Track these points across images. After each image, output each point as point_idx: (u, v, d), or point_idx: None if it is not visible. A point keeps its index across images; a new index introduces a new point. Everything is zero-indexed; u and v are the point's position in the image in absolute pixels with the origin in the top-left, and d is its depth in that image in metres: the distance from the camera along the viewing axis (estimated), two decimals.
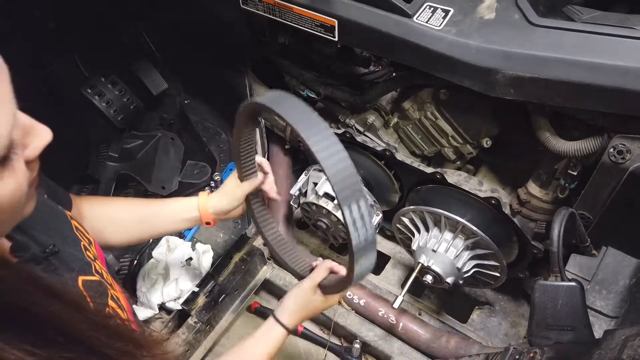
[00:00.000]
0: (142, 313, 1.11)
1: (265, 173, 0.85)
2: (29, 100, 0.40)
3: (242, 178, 0.82)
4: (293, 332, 0.81)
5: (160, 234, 0.88)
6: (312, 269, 0.83)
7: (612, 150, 0.74)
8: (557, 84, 0.72)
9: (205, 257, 1.17)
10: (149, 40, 1.43)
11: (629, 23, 0.69)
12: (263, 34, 1.09)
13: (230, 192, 0.84)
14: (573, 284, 0.74)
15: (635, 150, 0.73)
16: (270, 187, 0.85)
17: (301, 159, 1.35)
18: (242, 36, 1.12)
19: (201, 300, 1.10)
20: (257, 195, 0.87)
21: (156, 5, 1.31)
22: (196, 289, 1.10)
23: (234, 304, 1.16)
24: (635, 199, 0.75)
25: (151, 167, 1.35)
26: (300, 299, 0.79)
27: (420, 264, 1.02)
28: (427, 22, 0.81)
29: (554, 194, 0.90)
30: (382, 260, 1.27)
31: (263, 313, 1.24)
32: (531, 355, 0.72)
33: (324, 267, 0.80)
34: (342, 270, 0.79)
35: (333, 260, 0.84)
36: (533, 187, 0.93)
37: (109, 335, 0.41)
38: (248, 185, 0.82)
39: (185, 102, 1.52)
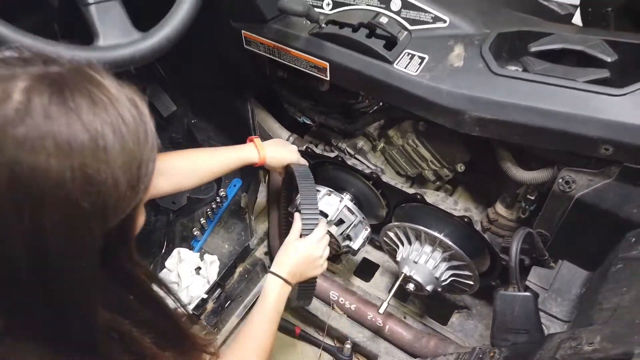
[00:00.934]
0: None
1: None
2: None
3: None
4: (291, 284, 0.93)
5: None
6: None
7: (560, 180, 0.87)
8: (514, 125, 0.85)
9: (212, 267, 1.30)
10: (160, 67, 1.56)
11: (572, 75, 0.82)
12: (264, 69, 1.22)
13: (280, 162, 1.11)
14: (528, 294, 0.87)
15: (579, 181, 0.86)
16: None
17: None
18: (245, 70, 1.25)
19: (209, 306, 1.24)
20: None
21: None
22: (205, 296, 1.23)
23: (239, 309, 1.29)
24: (581, 221, 0.89)
25: None
26: (287, 249, 0.95)
27: (403, 274, 1.15)
28: (405, 68, 0.94)
29: (517, 214, 1.04)
30: (372, 269, 1.41)
31: None
32: (491, 354, 0.85)
33: (299, 217, 0.98)
34: None
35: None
36: (500, 208, 1.06)
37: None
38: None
39: (192, 121, 1.65)
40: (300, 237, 0.97)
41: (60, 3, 0.76)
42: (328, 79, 1.04)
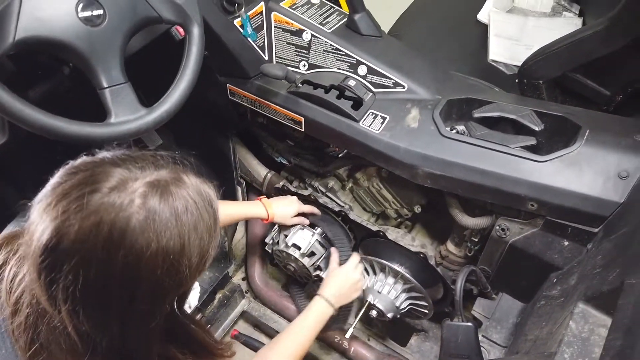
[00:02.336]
0: None
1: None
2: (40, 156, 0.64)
3: None
4: (334, 307, 1.11)
5: None
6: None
7: (497, 227, 1.03)
8: (458, 181, 1.00)
9: (193, 293, 1.42)
10: (145, 99, 1.67)
11: (506, 142, 0.98)
12: (245, 115, 1.35)
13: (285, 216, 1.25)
14: (469, 324, 1.02)
15: (512, 229, 1.02)
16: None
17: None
18: (229, 114, 1.38)
19: None
20: None
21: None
22: None
23: (218, 332, 1.41)
24: (515, 262, 1.05)
25: None
26: (333, 275, 1.16)
27: (368, 302, 1.29)
28: (369, 126, 1.09)
29: (464, 252, 1.19)
30: None
31: (239, 338, 1.49)
32: None
33: (335, 250, 1.25)
34: None
35: None
36: (450, 246, 1.22)
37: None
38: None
39: (177, 152, 1.76)
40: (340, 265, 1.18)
41: (73, 73, 0.88)
42: (303, 130, 1.18)
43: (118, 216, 0.52)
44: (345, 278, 1.16)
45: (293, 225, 1.32)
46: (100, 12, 0.72)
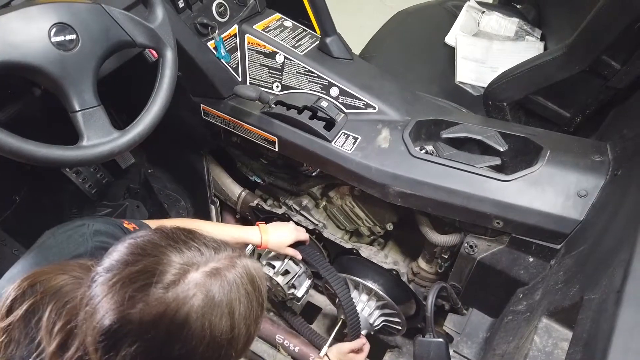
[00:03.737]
0: None
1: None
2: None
3: None
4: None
5: None
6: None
7: (465, 245, 1.06)
8: (427, 199, 1.03)
9: None
10: (118, 120, 1.66)
11: (472, 162, 1.02)
12: (219, 134, 1.36)
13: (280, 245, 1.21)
14: (440, 340, 1.05)
15: (480, 246, 1.05)
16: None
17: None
18: (202, 133, 1.39)
19: None
20: None
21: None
22: None
23: None
24: (483, 278, 1.08)
25: None
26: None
27: (342, 319, 1.30)
28: (341, 146, 1.11)
29: (435, 268, 1.22)
30: (314, 311, 1.55)
31: None
32: None
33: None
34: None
35: None
36: (421, 263, 1.24)
37: None
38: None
39: (149, 170, 1.75)
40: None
41: (44, 95, 0.87)
42: (277, 150, 1.19)
43: (178, 312, 0.56)
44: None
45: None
46: (73, 36, 0.73)
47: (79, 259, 0.70)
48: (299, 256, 1.25)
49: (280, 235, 1.21)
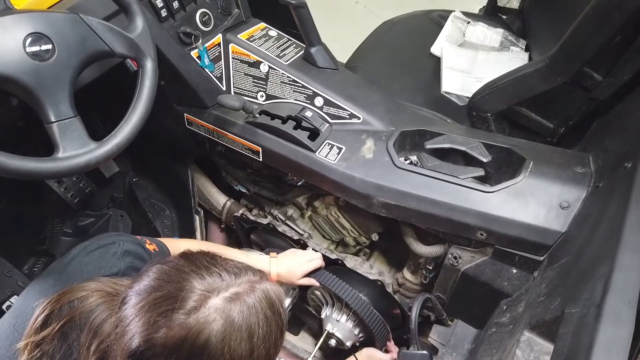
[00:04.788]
0: None
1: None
2: None
3: None
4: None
5: None
6: None
7: (450, 256, 1.05)
8: (412, 210, 1.03)
9: None
10: (104, 130, 1.64)
11: (456, 173, 1.01)
12: (204, 143, 1.35)
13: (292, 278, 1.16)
14: (425, 352, 1.04)
15: (464, 257, 1.05)
16: None
17: (234, 236, 1.60)
18: (186, 142, 1.38)
19: None
20: None
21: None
22: None
23: None
24: (468, 289, 1.07)
25: None
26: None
27: (326, 331, 1.28)
28: (326, 156, 1.11)
29: (420, 279, 1.21)
30: (300, 323, 1.53)
31: None
32: None
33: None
34: None
35: None
36: (406, 273, 1.24)
37: None
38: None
39: (134, 179, 1.73)
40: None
41: (20, 104, 0.86)
42: (261, 160, 1.18)
43: (199, 336, 0.58)
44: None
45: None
46: (49, 46, 0.71)
47: (113, 277, 0.74)
48: (316, 284, 1.19)
49: (292, 267, 1.15)
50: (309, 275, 1.18)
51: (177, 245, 0.99)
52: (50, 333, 0.63)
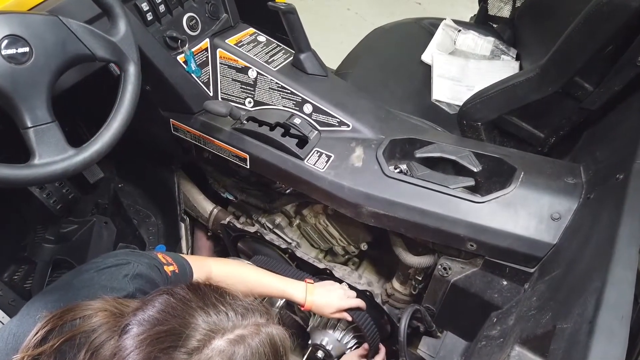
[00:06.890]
0: None
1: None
2: None
3: None
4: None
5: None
6: None
7: (439, 267, 1.04)
8: (401, 220, 1.01)
9: None
10: (86, 132, 1.61)
11: (446, 182, 1.00)
12: (191, 149, 1.32)
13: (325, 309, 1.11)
14: None
15: (454, 268, 1.03)
16: None
17: (221, 244, 1.58)
18: (172, 149, 1.35)
19: None
20: None
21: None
22: None
23: None
24: (457, 300, 1.05)
25: (85, 250, 1.51)
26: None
27: (314, 342, 1.26)
28: (314, 164, 1.09)
29: (409, 290, 1.19)
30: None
31: None
32: None
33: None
34: None
35: None
36: (395, 284, 1.22)
37: None
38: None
39: (119, 186, 1.70)
40: None
41: None
42: (248, 167, 1.16)
43: None
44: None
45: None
46: (26, 49, 0.69)
47: (120, 298, 0.71)
48: (349, 318, 1.15)
49: (327, 300, 1.11)
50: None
51: (203, 265, 0.96)
52: (48, 349, 0.61)
